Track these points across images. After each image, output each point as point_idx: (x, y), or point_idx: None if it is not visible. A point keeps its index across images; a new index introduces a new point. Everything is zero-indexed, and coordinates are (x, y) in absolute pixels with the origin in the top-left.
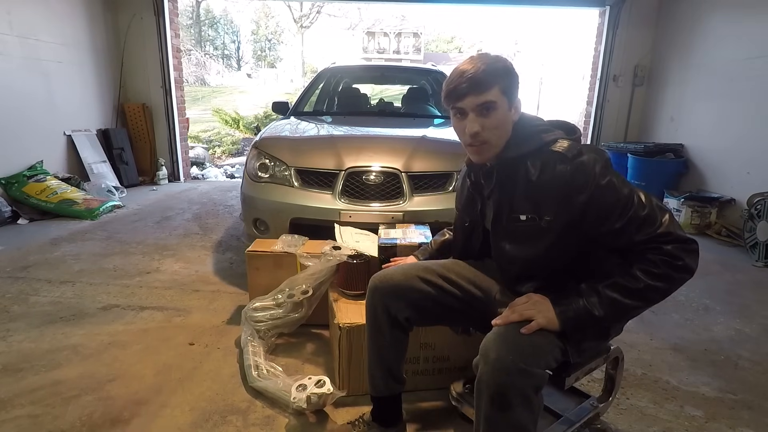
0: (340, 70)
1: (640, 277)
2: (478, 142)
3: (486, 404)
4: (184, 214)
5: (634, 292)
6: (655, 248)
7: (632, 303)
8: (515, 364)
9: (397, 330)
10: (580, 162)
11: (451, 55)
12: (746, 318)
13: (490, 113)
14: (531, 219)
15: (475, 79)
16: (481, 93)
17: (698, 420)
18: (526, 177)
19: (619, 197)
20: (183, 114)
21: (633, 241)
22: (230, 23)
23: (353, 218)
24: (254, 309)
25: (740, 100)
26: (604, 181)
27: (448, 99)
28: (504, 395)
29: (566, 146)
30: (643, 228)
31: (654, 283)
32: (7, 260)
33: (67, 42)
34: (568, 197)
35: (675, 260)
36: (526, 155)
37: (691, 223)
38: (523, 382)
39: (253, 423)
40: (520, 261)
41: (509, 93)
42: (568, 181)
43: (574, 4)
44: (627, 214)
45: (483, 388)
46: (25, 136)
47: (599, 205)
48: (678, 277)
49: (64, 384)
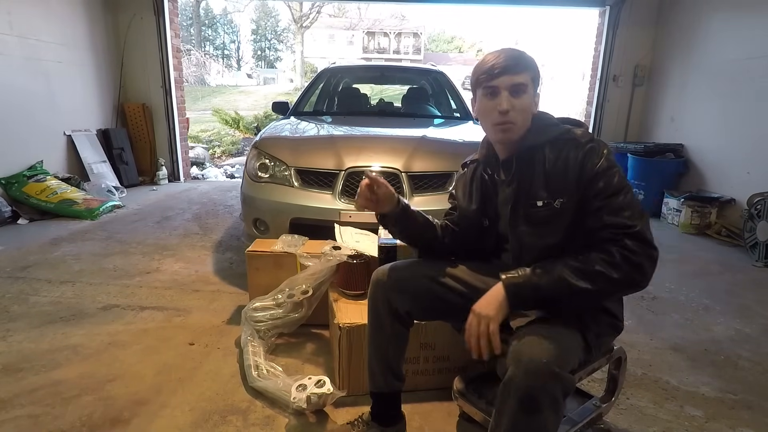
0: (340, 70)
1: (595, 260)
2: (507, 120)
3: (514, 407)
4: (184, 214)
5: (585, 272)
6: (617, 240)
7: (579, 283)
8: (548, 368)
9: (398, 324)
10: (591, 146)
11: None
12: (746, 318)
13: (520, 95)
14: (547, 204)
15: (511, 60)
16: (516, 74)
17: (698, 420)
18: (543, 164)
19: (612, 183)
20: (183, 114)
21: (602, 221)
22: (230, 23)
23: (353, 218)
24: (254, 309)
25: (740, 100)
26: (607, 164)
27: (483, 77)
28: (535, 398)
29: (579, 133)
30: (618, 214)
31: (604, 271)
32: (7, 260)
33: (67, 42)
34: (579, 178)
35: (633, 256)
36: (544, 144)
37: (691, 223)
38: (555, 385)
39: (253, 423)
40: (538, 249)
41: (536, 83)
42: (581, 163)
43: (574, 4)
44: (613, 197)
45: (512, 391)
46: (25, 136)
47: (595, 184)
48: (630, 274)
49: (64, 384)
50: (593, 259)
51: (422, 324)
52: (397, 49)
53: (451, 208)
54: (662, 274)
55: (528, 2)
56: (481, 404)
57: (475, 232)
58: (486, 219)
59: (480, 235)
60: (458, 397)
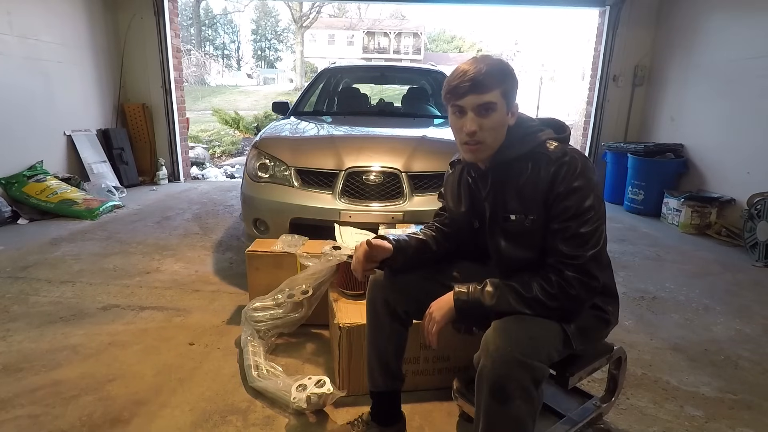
0: (340, 70)
1: (534, 288)
2: (474, 141)
3: (486, 397)
4: (184, 214)
5: (524, 298)
6: (559, 269)
7: (518, 307)
8: (515, 357)
9: (396, 323)
10: (563, 162)
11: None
12: (746, 318)
13: (489, 114)
14: (518, 220)
15: (477, 79)
16: (482, 93)
17: (698, 420)
18: (517, 178)
19: (578, 205)
20: (183, 114)
21: (552, 245)
22: (230, 23)
23: (353, 218)
24: (254, 309)
25: (740, 100)
26: (576, 183)
27: (448, 96)
28: (504, 387)
29: (553, 147)
30: (569, 242)
31: (542, 299)
32: (7, 260)
33: (67, 42)
34: (546, 197)
35: (569, 288)
36: (518, 158)
37: (691, 223)
38: (523, 374)
39: (253, 423)
40: (515, 261)
41: (508, 97)
42: (550, 181)
43: (574, 4)
44: (569, 222)
45: (483, 381)
46: (25, 136)
47: (561, 202)
48: (565, 305)
49: (64, 384)
50: (534, 286)
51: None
52: (397, 49)
53: (441, 208)
54: (662, 274)
55: (528, 2)
56: None
57: (466, 234)
58: (476, 221)
59: (471, 236)
60: (458, 397)
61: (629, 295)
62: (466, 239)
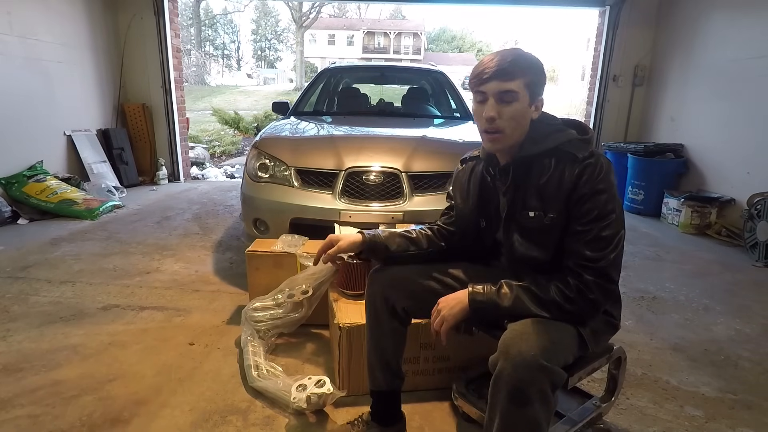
0: (340, 70)
1: (552, 291)
2: (493, 129)
3: (504, 400)
4: (184, 214)
5: (541, 301)
6: (578, 272)
7: (535, 310)
8: (538, 361)
9: (395, 321)
10: (588, 163)
11: (451, 55)
12: (746, 318)
13: (510, 103)
14: (538, 216)
15: (502, 66)
16: (505, 81)
17: (698, 420)
18: (539, 175)
19: (602, 207)
20: (183, 114)
21: (573, 247)
22: (230, 23)
23: (353, 218)
24: (254, 309)
25: (740, 100)
26: (600, 186)
27: (472, 82)
28: (523, 391)
29: (578, 147)
30: (591, 244)
31: (560, 302)
32: (7, 260)
33: (67, 42)
34: (569, 196)
35: (588, 292)
36: (541, 154)
37: (691, 223)
38: (543, 378)
39: (253, 423)
40: (528, 260)
41: (533, 89)
42: (574, 181)
43: (574, 4)
44: (592, 224)
45: (501, 384)
46: (25, 136)
47: (584, 203)
48: (583, 308)
49: (64, 384)
50: (552, 289)
51: (422, 324)
52: (397, 49)
53: (447, 208)
54: (662, 274)
55: (528, 2)
56: (481, 404)
57: (472, 234)
58: (483, 220)
59: (477, 236)
60: (458, 397)
61: (629, 295)
62: (471, 240)
